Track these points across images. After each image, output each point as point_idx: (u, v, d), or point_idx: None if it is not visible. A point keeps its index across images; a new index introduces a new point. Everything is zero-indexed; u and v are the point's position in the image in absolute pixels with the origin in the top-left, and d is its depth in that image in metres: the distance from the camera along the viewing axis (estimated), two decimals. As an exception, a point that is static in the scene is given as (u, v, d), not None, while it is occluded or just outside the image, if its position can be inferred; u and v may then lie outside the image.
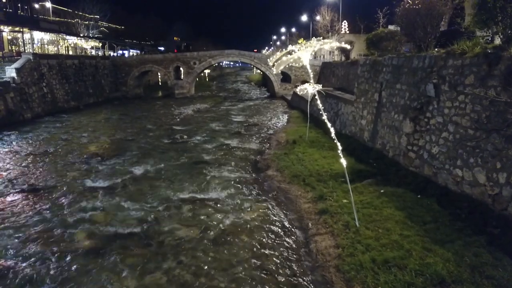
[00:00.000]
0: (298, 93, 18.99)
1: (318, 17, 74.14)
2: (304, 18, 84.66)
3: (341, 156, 9.18)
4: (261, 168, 16.00)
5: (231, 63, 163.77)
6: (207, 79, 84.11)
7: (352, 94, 25.48)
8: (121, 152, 18.98)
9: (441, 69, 12.64)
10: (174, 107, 39.05)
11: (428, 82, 13.16)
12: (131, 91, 52.39)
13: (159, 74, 60.25)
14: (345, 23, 61.49)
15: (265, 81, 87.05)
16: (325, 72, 48.57)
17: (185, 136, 23.13)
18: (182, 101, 45.44)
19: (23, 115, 28.88)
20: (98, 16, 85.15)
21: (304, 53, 8.24)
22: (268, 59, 53.26)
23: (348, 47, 8.54)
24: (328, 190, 11.65)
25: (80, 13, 76.04)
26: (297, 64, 8.86)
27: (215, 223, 10.36)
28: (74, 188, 13.31)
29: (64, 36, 52.02)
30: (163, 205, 11.67)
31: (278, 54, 8.86)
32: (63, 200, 12.15)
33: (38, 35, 44.13)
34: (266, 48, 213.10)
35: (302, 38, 8.54)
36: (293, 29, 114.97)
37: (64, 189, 13.22)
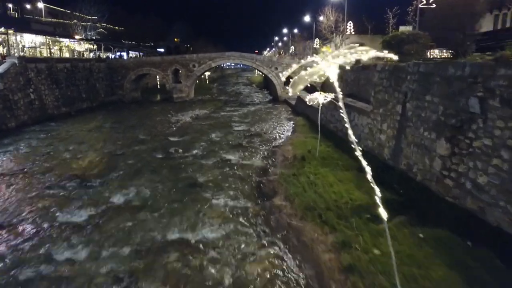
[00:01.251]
0: (308, 103, 16.67)
1: (321, 18, 71.83)
2: (307, 18, 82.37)
3: (380, 205, 6.78)
4: (267, 194, 13.68)
5: (232, 64, 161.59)
6: (207, 82, 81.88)
7: (364, 102, 23.16)
8: (106, 172, 16.69)
9: (488, 80, 10.29)
10: (171, 113, 36.75)
11: (471, 95, 10.82)
12: (128, 94, 50.17)
13: (157, 77, 57.97)
14: (350, 23, 59.17)
15: (267, 83, 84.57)
16: (330, 75, 46.19)
17: (180, 150, 20.82)
18: (181, 106, 43.16)
19: (6, 124, 26.64)
20: (96, 17, 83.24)
21: (330, 65, 5.92)
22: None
23: (395, 57, 6.74)
24: (353, 232, 9.31)
25: (78, 14, 73.99)
26: (319, 79, 6.55)
27: (210, 282, 8.05)
28: (41, 225, 11.04)
29: (58, 39, 49.76)
30: (146, 252, 9.38)
31: (295, 66, 6.55)
32: (24, 244, 9.88)
33: (28, 37, 41.92)
34: (268, 49, 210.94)
35: (328, 45, 6.22)
36: (295, 30, 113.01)
37: (29, 226, 10.96)
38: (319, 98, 17.12)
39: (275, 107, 44.36)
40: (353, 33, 59.63)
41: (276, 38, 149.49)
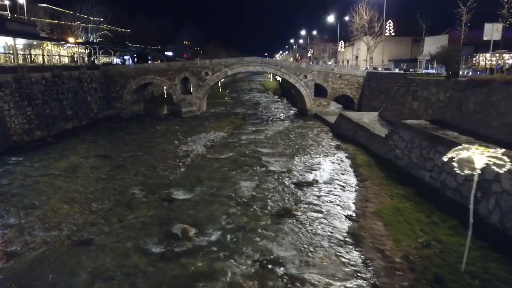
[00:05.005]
0: (460, 171, 7.47)
1: (347, 18, 63.00)
2: (331, 19, 73.49)
3: None
4: None
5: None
6: (220, 88, 73.24)
7: (471, 136, 14.32)
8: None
9: None
10: (178, 138, 28.20)
11: None
12: (128, 108, 41.92)
13: (162, 85, 49.73)
14: (390, 23, 50.16)
15: (284, 91, 75.69)
16: (376, 87, 37.21)
17: (192, 231, 12.03)
18: (191, 125, 34.64)
19: None
20: (102, 19, 76.17)
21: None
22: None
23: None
24: None
25: (80, 15, 66.78)
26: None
27: None
28: None
29: (47, 42, 41.66)
30: None
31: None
32: None
33: (3, 40, 33.80)
34: (280, 52, 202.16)
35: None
36: (314, 32, 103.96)
37: None
38: (477, 159, 8.24)
39: (307, 125, 35.59)
40: (393, 34, 50.67)
41: (292, 41, 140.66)
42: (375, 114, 29.53)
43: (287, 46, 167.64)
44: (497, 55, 42.30)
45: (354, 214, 13.42)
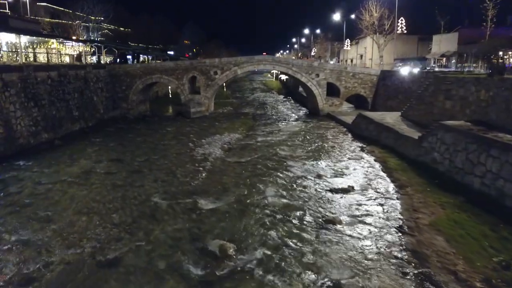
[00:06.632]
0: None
1: (353, 16, 61.81)
2: (336, 17, 72.27)
3: None
4: None
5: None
6: (224, 88, 71.90)
7: None
8: None
9: None
10: (192, 140, 26.85)
11: None
12: (134, 108, 40.53)
13: (169, 85, 48.42)
14: (402, 20, 48.85)
15: (289, 90, 74.33)
16: (393, 86, 35.95)
17: (231, 249, 10.67)
18: (201, 125, 33.30)
19: None
20: (102, 18, 74.75)
21: None
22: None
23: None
24: None
25: (80, 14, 65.33)
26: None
27: None
28: None
29: (50, 40, 40.28)
30: None
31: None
32: None
33: (6, 37, 32.39)
34: (281, 51, 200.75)
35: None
36: (318, 31, 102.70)
37: None
38: None
39: (322, 125, 34.24)
40: (405, 31, 49.38)
41: (294, 40, 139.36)
42: (397, 114, 28.19)
43: (288, 46, 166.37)
44: (510, 52, 41.28)
45: (405, 227, 12.10)
